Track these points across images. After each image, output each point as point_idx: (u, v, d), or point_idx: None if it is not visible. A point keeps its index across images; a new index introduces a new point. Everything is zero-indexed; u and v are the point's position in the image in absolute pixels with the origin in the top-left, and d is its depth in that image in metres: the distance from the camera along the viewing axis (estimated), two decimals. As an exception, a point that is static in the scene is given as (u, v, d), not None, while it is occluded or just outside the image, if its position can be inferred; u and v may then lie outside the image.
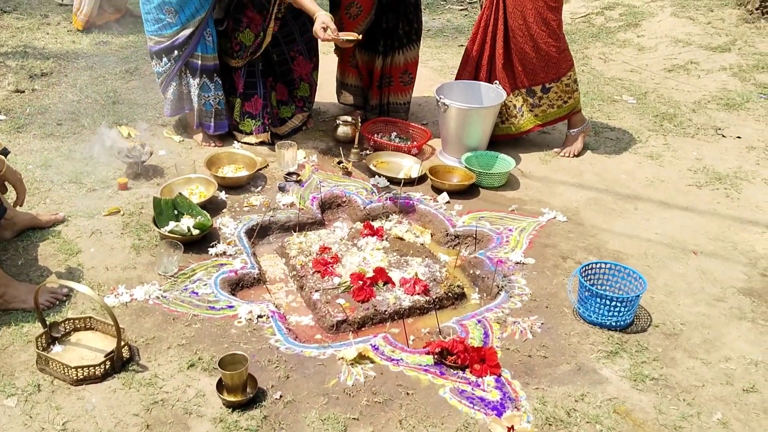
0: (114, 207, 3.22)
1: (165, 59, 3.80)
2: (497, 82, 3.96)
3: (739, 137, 4.41)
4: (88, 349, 2.41)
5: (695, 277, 3.02)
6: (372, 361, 2.44)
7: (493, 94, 3.94)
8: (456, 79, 4.18)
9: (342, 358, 2.43)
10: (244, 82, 3.86)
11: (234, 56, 3.82)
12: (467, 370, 2.41)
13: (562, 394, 2.33)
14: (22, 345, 2.41)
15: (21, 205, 2.76)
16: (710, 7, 6.47)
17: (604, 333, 2.62)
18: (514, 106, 4.02)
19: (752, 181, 3.85)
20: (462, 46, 6.15)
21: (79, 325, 2.48)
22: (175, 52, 3.76)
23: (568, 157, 4.05)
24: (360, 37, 3.50)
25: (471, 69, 4.05)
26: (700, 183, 3.82)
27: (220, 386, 2.24)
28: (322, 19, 3.44)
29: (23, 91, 4.35)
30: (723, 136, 4.43)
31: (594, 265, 2.81)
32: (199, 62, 3.78)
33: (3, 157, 2.62)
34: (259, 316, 2.63)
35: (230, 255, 3.01)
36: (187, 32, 3.69)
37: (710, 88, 5.17)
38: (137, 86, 4.60)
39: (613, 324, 2.62)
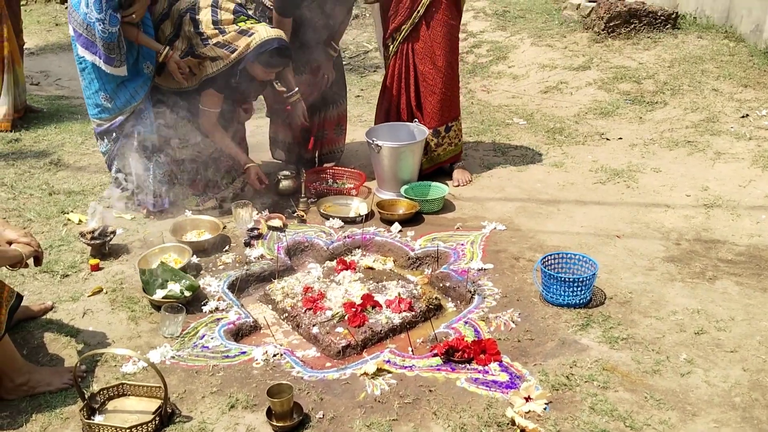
0: (96, 286, 3.33)
1: (106, 140, 3.97)
2: (416, 119, 4.41)
3: (620, 138, 5.12)
4: (128, 413, 2.54)
5: (626, 255, 3.55)
6: (389, 372, 2.74)
7: (416, 130, 4.39)
8: (375, 123, 4.60)
9: (364, 373, 2.71)
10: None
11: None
12: (473, 361, 2.76)
13: (557, 365, 2.73)
14: (60, 423, 2.50)
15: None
16: (563, 33, 7.35)
17: (571, 311, 3.07)
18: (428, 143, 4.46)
19: (644, 172, 4.51)
20: (358, 96, 6.63)
21: (112, 393, 2.60)
22: (114, 134, 3.93)
23: (464, 185, 4.48)
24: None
25: (393, 113, 4.47)
26: (603, 180, 4.43)
27: (269, 415, 2.46)
28: (256, 170, 4.15)
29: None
30: (607, 139, 5.13)
31: (550, 257, 3.26)
32: (136, 143, 3.95)
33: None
34: (274, 355, 2.85)
35: (223, 309, 3.20)
36: (122, 118, 3.88)
37: (584, 102, 5.92)
38: (67, 176, 4.65)
39: (578, 302, 3.07)
